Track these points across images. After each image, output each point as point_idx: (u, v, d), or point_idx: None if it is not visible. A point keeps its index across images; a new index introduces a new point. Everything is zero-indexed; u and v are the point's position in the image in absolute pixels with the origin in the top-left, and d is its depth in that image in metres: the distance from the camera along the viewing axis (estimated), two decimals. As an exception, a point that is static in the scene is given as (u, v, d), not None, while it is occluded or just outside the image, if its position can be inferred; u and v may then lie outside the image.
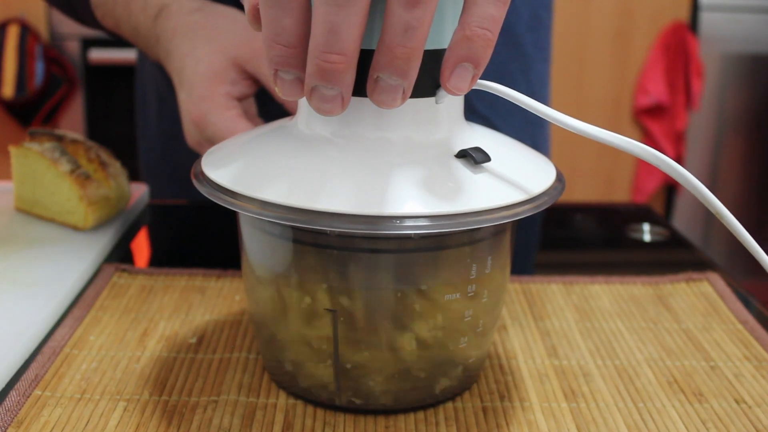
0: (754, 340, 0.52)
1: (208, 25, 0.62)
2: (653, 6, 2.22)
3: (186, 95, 0.60)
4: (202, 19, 0.62)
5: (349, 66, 0.34)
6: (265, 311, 0.43)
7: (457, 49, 0.35)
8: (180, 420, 0.42)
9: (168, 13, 0.63)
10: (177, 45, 0.62)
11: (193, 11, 0.63)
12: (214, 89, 0.59)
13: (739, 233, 0.38)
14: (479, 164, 0.39)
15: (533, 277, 0.60)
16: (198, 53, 0.60)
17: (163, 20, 0.63)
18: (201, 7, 0.63)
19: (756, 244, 0.39)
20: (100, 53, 2.10)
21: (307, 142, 0.40)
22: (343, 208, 0.35)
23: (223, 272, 0.59)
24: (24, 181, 0.66)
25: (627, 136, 1.64)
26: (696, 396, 0.46)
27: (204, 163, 0.42)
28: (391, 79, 0.34)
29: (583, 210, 0.86)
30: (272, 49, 0.35)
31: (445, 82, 0.36)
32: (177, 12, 0.63)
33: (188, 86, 0.60)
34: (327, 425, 0.42)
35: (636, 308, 0.56)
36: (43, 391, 0.44)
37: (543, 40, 0.81)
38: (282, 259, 0.41)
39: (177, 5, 0.63)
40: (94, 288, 0.56)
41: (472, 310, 0.41)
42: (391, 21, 0.33)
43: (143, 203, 0.74)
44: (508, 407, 0.44)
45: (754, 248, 0.39)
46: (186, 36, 0.62)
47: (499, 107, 0.75)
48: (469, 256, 0.40)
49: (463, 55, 0.35)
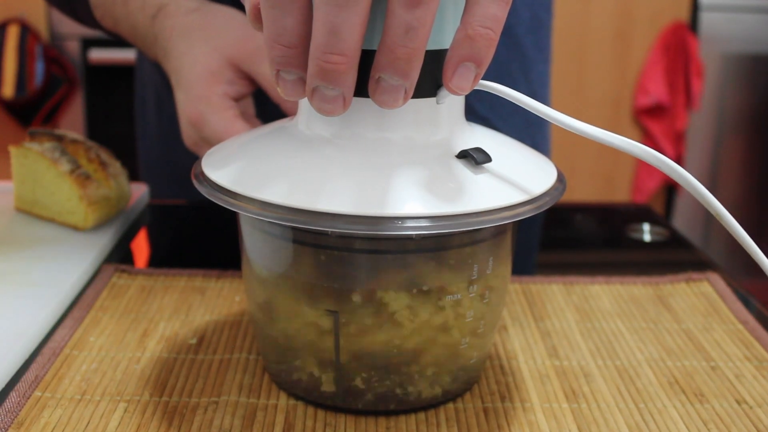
0: (754, 340, 0.52)
1: (206, 24, 0.62)
2: (653, 6, 2.22)
3: (183, 95, 0.60)
4: (199, 19, 0.62)
5: (350, 66, 0.34)
6: (265, 312, 0.43)
7: (459, 48, 0.35)
8: (180, 421, 0.42)
9: (166, 12, 0.63)
10: (174, 44, 0.62)
11: (190, 11, 0.63)
12: (211, 89, 0.59)
13: (738, 234, 0.38)
14: (480, 165, 0.39)
15: (533, 277, 0.60)
16: (195, 53, 0.60)
17: (161, 20, 0.63)
18: (199, 7, 0.63)
19: (755, 245, 0.39)
20: (100, 53, 2.10)
21: (307, 143, 0.40)
22: (343, 209, 0.35)
23: (223, 272, 0.59)
24: (24, 181, 0.66)
25: (627, 136, 1.64)
26: (697, 396, 0.45)
27: (204, 163, 0.42)
28: (392, 79, 0.34)
29: (583, 210, 0.85)
30: (274, 49, 0.35)
31: (447, 81, 0.36)
32: (175, 11, 0.63)
33: (185, 86, 0.60)
34: (328, 426, 0.42)
35: (636, 308, 0.56)
36: (43, 393, 0.44)
37: (543, 41, 0.81)
38: (282, 260, 0.41)
39: (175, 5, 0.63)
40: (94, 288, 0.56)
41: (473, 310, 0.41)
42: (393, 21, 0.33)
43: (143, 203, 0.74)
44: (509, 408, 0.44)
45: (753, 249, 0.39)
46: (183, 36, 0.62)
47: (499, 108, 0.75)
48: (470, 256, 0.40)
49: (465, 55, 0.35)
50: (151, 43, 0.65)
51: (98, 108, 2.19)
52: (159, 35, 0.63)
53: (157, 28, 0.64)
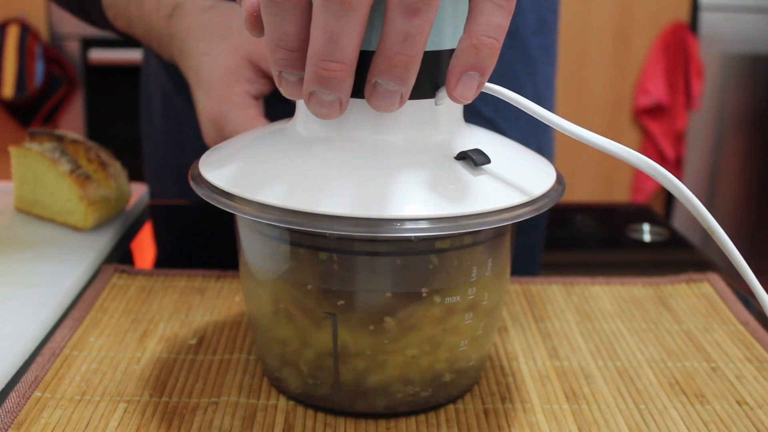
0: (755, 341, 0.52)
1: (222, 23, 0.62)
2: (653, 6, 2.22)
3: (204, 95, 0.61)
4: (215, 18, 0.62)
5: (347, 73, 0.34)
6: (263, 315, 0.43)
7: (463, 57, 0.35)
8: (180, 421, 0.42)
9: (181, 11, 0.63)
10: (192, 44, 0.62)
11: (206, 10, 0.63)
12: (232, 89, 0.59)
13: (729, 251, 0.39)
14: (479, 166, 0.38)
15: (534, 278, 0.60)
16: (213, 53, 0.60)
17: (176, 19, 0.63)
18: (214, 6, 0.63)
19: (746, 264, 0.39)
20: (100, 53, 2.10)
21: (305, 144, 0.40)
22: (342, 211, 0.35)
23: (223, 273, 0.59)
24: (24, 182, 0.66)
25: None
26: (697, 397, 0.45)
27: (202, 165, 0.42)
28: (389, 84, 0.34)
29: (583, 210, 0.85)
30: (276, 52, 0.35)
31: (451, 90, 0.36)
32: (190, 11, 0.63)
33: (206, 86, 0.60)
34: (328, 426, 0.42)
35: (637, 309, 0.56)
36: (43, 393, 0.44)
37: (549, 43, 0.81)
38: (280, 262, 0.41)
39: (190, 4, 0.63)
40: (94, 289, 0.56)
41: (472, 312, 0.41)
42: (390, 29, 0.33)
43: (143, 203, 0.74)
44: (509, 409, 0.44)
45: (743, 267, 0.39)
46: (201, 35, 0.62)
47: (504, 110, 0.75)
48: (470, 258, 0.40)
49: (469, 64, 0.35)
50: (167, 43, 0.65)
51: (98, 108, 2.19)
52: (175, 35, 0.63)
53: (173, 28, 0.64)
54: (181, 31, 0.63)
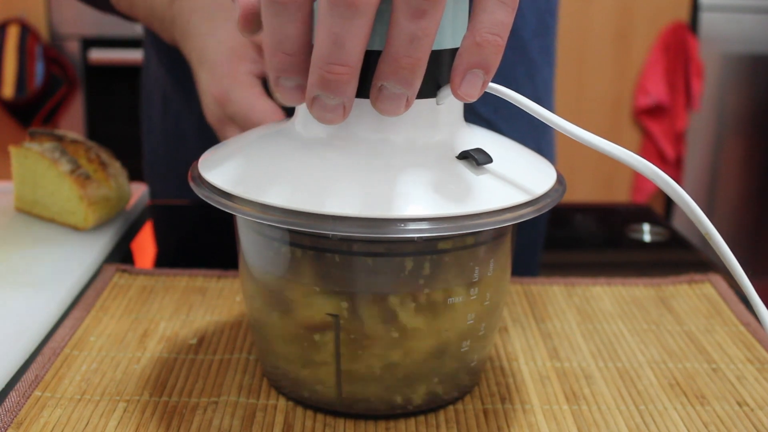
0: (756, 342, 0.52)
1: (226, 4, 0.62)
2: (653, 6, 2.22)
3: (207, 74, 0.61)
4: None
5: (352, 77, 0.34)
6: (263, 315, 0.43)
7: (467, 55, 0.35)
8: (180, 421, 0.42)
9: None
10: (195, 25, 0.62)
11: None
12: (236, 68, 0.60)
13: (726, 258, 0.39)
14: (481, 165, 0.38)
15: (534, 278, 0.60)
16: (218, 33, 0.61)
17: (180, 1, 0.63)
18: None
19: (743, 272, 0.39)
20: (100, 53, 2.10)
21: (305, 145, 0.39)
22: (344, 212, 0.35)
23: (224, 273, 0.59)
24: (24, 182, 0.66)
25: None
26: (698, 398, 0.45)
27: (201, 165, 0.42)
28: (395, 88, 0.34)
29: (584, 210, 0.85)
30: (275, 56, 0.35)
31: (456, 89, 0.36)
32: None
33: (210, 65, 0.61)
34: (327, 427, 0.42)
35: (638, 310, 0.56)
36: (43, 392, 0.44)
37: (549, 45, 0.81)
38: (281, 264, 0.41)
39: None
40: (95, 288, 0.56)
41: (474, 313, 0.41)
42: (397, 31, 0.33)
43: (143, 203, 0.74)
44: (509, 410, 0.44)
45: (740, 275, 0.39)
46: (205, 16, 0.62)
47: (503, 111, 0.74)
48: (472, 258, 0.40)
49: (474, 62, 0.35)
50: (168, 25, 0.65)
51: (98, 108, 2.19)
52: (177, 17, 0.64)
53: (175, 10, 0.64)
54: (185, 12, 0.63)
